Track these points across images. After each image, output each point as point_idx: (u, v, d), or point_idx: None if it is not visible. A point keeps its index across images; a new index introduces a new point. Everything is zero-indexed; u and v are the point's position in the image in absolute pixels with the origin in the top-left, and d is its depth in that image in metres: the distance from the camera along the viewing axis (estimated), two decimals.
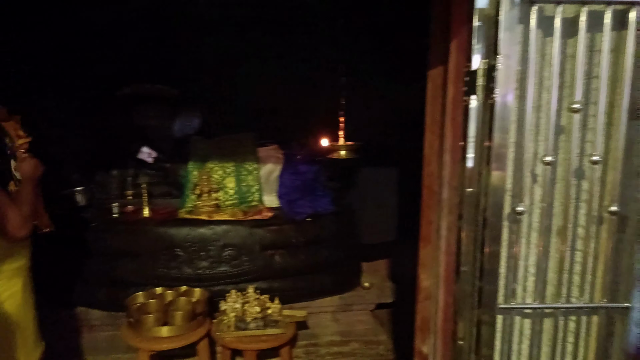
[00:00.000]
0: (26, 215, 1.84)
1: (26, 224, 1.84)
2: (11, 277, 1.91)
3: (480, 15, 1.28)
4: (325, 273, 3.16)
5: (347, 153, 2.91)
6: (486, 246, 1.32)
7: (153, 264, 2.84)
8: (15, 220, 1.79)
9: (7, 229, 1.79)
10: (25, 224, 1.83)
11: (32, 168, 1.96)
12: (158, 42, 3.49)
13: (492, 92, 1.22)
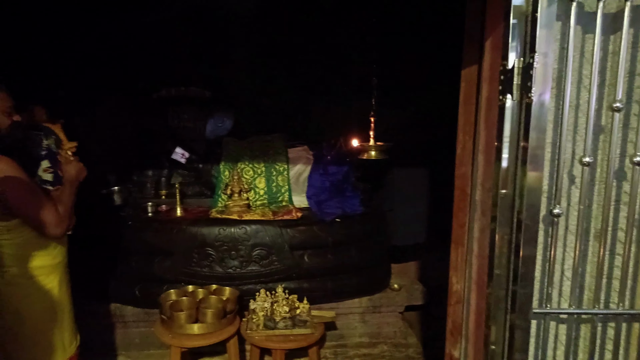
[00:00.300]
0: (62, 215, 1.90)
1: (62, 223, 1.90)
2: (48, 273, 1.98)
3: (516, 12, 1.25)
4: (354, 274, 3.15)
5: (377, 154, 2.89)
6: (521, 249, 1.28)
7: (185, 262, 2.90)
8: (52, 218, 1.85)
9: (44, 226, 1.85)
10: (60, 223, 1.89)
11: (76, 171, 2.02)
12: (192, 47, 3.56)
13: (528, 92, 1.19)
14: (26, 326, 1.92)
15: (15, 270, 1.90)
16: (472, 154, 1.83)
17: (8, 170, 1.78)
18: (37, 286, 1.95)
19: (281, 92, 3.72)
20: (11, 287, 1.90)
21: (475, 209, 1.75)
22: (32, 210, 1.82)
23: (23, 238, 1.88)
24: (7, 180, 1.77)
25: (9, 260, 1.88)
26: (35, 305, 1.93)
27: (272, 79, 3.69)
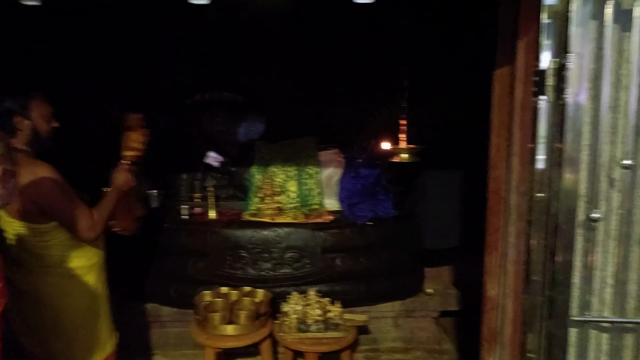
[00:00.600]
0: (98, 220, 1.96)
1: (94, 228, 1.95)
2: (85, 274, 2.06)
3: (550, 11, 1.22)
4: (387, 278, 3.13)
5: (409, 156, 2.87)
6: (558, 255, 1.25)
7: (219, 264, 2.95)
8: (84, 223, 1.92)
9: (76, 230, 1.93)
10: (93, 227, 1.94)
11: (124, 181, 2.10)
12: (225, 53, 3.63)
13: (563, 93, 1.16)
14: (65, 324, 2.00)
15: (53, 270, 1.99)
16: (506, 157, 1.79)
17: (44, 175, 1.87)
18: (74, 286, 2.03)
19: (312, 95, 3.73)
20: (49, 287, 1.99)
21: (510, 213, 1.71)
22: (66, 214, 1.90)
23: (59, 240, 1.96)
24: (43, 185, 1.85)
25: (47, 261, 1.97)
26: (73, 304, 2.01)
27: (304, 82, 3.71)
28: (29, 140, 1.95)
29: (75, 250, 2.00)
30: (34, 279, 1.97)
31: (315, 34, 3.65)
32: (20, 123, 1.92)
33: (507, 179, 1.75)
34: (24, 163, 1.89)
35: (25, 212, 1.88)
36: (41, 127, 1.97)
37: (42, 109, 1.97)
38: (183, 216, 3.23)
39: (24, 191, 1.83)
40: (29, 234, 1.92)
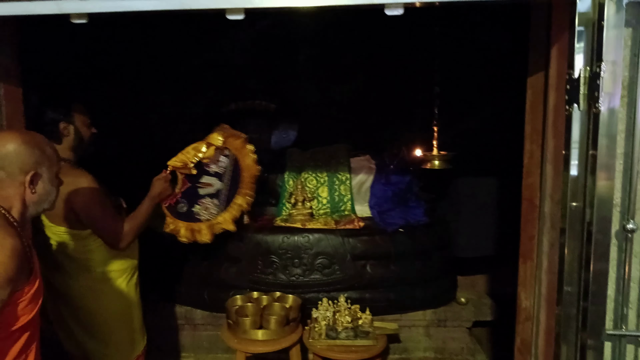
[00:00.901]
0: (128, 231, 2.03)
1: (124, 239, 2.02)
2: (117, 277, 2.15)
3: (583, 19, 1.20)
4: (418, 286, 3.09)
5: (441, 163, 2.84)
6: (592, 265, 1.22)
7: (251, 269, 3.00)
8: (114, 234, 2.00)
9: (106, 239, 2.02)
10: (123, 238, 2.02)
11: (159, 190, 2.18)
12: (258, 62, 3.71)
13: (596, 102, 1.14)
14: (99, 325, 2.10)
15: (89, 274, 2.08)
16: (540, 164, 1.76)
17: (84, 184, 1.97)
18: (108, 289, 2.12)
19: (344, 102, 3.76)
20: (84, 290, 2.08)
21: (545, 222, 1.68)
22: (98, 223, 1.99)
23: (96, 245, 2.06)
24: (82, 194, 1.96)
25: (82, 265, 2.07)
26: (106, 306, 2.11)
27: (335, 90, 3.74)
28: (73, 145, 2.07)
29: (110, 255, 2.10)
30: (70, 282, 2.07)
31: (346, 42, 3.68)
32: (66, 129, 2.04)
33: (542, 187, 1.72)
34: (67, 171, 2.00)
35: (65, 218, 1.99)
36: (84, 133, 2.09)
37: (83, 116, 2.09)
38: None
39: (65, 198, 1.94)
40: (67, 239, 2.03)
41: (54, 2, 1.29)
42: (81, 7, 1.29)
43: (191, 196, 2.46)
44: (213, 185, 2.51)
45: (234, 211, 2.58)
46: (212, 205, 2.51)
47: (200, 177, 2.47)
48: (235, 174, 2.56)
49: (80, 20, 1.32)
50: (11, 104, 1.77)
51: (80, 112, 2.08)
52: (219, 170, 2.52)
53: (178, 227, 2.46)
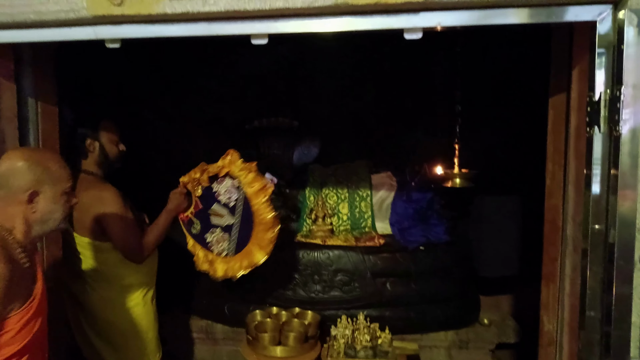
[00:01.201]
0: (145, 244, 2.11)
1: (142, 252, 2.11)
2: (134, 290, 2.22)
3: (603, 42, 1.21)
4: (439, 305, 3.05)
5: (462, 181, 2.82)
6: (614, 289, 1.20)
7: (271, 284, 3.02)
8: (133, 247, 2.08)
9: (124, 252, 2.09)
10: (141, 252, 2.10)
11: (176, 203, 2.26)
12: (282, 80, 3.78)
13: (616, 125, 1.14)
14: (115, 335, 2.17)
15: (107, 285, 2.16)
16: (562, 185, 1.74)
17: (110, 199, 2.06)
18: (125, 301, 2.19)
19: (365, 120, 3.79)
20: (102, 301, 2.16)
21: (567, 244, 1.66)
22: (118, 235, 2.07)
23: (117, 259, 2.13)
24: (105, 205, 2.05)
25: (102, 276, 2.15)
26: (123, 317, 2.17)
27: (357, 107, 3.78)
28: (98, 161, 2.16)
29: (129, 268, 2.17)
30: (90, 292, 2.16)
31: (368, 61, 3.73)
32: (91, 145, 2.14)
33: (564, 209, 1.70)
34: (93, 185, 2.10)
35: (89, 229, 2.07)
36: (110, 150, 2.18)
37: (110, 134, 2.18)
38: None
39: (90, 210, 2.03)
40: (90, 250, 2.11)
41: (91, 28, 1.37)
42: (115, 33, 1.37)
43: (204, 221, 2.39)
44: (224, 217, 2.37)
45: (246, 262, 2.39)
46: (222, 239, 2.40)
47: (212, 204, 2.37)
48: (246, 215, 2.34)
49: (113, 45, 1.39)
50: (47, 123, 1.87)
51: (108, 130, 2.17)
52: (229, 202, 2.35)
53: (196, 250, 2.45)
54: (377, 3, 1.24)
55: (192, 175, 2.36)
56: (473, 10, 1.29)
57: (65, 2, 1.29)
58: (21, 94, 1.71)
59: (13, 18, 1.33)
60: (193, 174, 2.36)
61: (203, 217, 2.40)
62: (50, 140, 1.87)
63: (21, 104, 1.72)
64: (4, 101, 1.64)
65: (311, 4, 1.25)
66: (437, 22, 1.32)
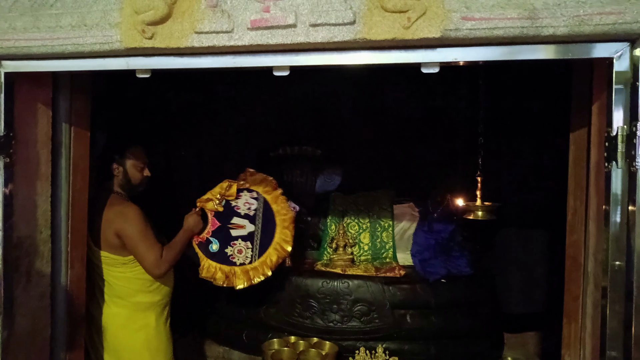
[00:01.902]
0: (165, 259, 2.18)
1: (161, 266, 2.17)
2: (145, 309, 2.25)
3: (620, 78, 1.21)
4: (461, 340, 2.98)
5: (484, 214, 2.79)
6: (634, 329, 1.16)
7: (289, 312, 3.01)
8: (152, 259, 2.14)
9: (145, 265, 2.15)
10: (160, 265, 2.16)
11: (192, 223, 2.33)
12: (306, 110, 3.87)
13: (633, 160, 1.13)
14: (124, 353, 2.20)
15: (119, 301, 2.21)
16: (584, 221, 1.71)
17: (132, 214, 2.15)
18: (135, 319, 2.22)
19: (388, 149, 3.81)
20: (112, 317, 2.21)
21: (588, 282, 1.62)
22: (139, 248, 2.13)
23: (133, 273, 2.20)
24: (127, 220, 2.13)
25: (116, 292, 2.20)
26: (132, 336, 2.21)
27: (380, 137, 3.81)
28: (121, 185, 2.26)
29: (144, 286, 2.22)
30: (103, 307, 2.21)
31: (390, 91, 3.78)
32: (116, 169, 2.25)
33: (585, 245, 1.67)
34: (117, 201, 2.20)
35: (108, 243, 2.15)
36: (132, 175, 2.28)
37: (136, 160, 2.28)
38: None
39: (111, 223, 2.11)
40: (107, 264, 2.18)
41: (124, 59, 1.46)
42: (146, 64, 1.45)
43: (223, 237, 2.48)
44: (245, 227, 2.52)
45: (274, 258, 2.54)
46: (245, 249, 2.51)
47: (230, 218, 2.50)
48: (267, 218, 2.55)
49: (144, 75, 1.47)
50: (79, 147, 1.96)
51: (134, 156, 2.27)
52: (249, 212, 2.53)
53: (214, 272, 2.45)
54: (394, 39, 1.28)
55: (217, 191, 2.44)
56: (489, 46, 1.31)
57: (101, 35, 1.39)
58: (56, 119, 1.80)
59: (53, 49, 1.43)
60: (218, 190, 2.45)
61: (221, 234, 2.49)
62: (80, 164, 1.96)
63: (56, 129, 1.81)
64: (40, 126, 1.74)
65: (331, 39, 1.31)
66: (454, 57, 1.35)
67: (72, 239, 1.97)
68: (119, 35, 1.38)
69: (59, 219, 1.92)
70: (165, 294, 2.32)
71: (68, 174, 1.95)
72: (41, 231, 1.85)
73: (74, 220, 1.97)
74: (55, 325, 1.90)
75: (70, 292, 1.97)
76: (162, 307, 2.31)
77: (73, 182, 1.96)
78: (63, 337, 1.93)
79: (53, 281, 1.89)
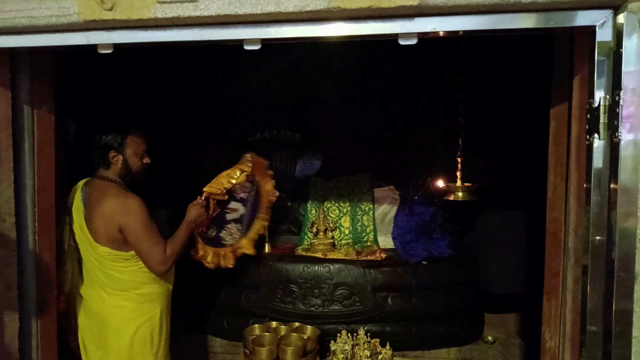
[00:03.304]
0: (168, 255, 2.09)
1: (165, 263, 2.08)
2: (152, 300, 2.17)
3: (602, 48, 1.18)
4: (442, 321, 2.99)
5: (465, 195, 2.77)
6: (614, 303, 1.15)
7: (270, 297, 2.97)
8: (156, 257, 2.05)
9: (149, 263, 2.06)
10: (164, 262, 2.07)
11: (195, 215, 2.24)
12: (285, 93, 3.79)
13: (615, 130, 1.10)
14: (125, 346, 2.11)
15: (124, 294, 2.12)
16: (564, 197, 1.70)
17: (132, 207, 2.03)
18: (140, 312, 2.14)
19: (369, 133, 3.77)
20: (116, 310, 2.11)
21: (569, 258, 1.60)
22: (142, 245, 2.04)
23: (137, 267, 2.10)
24: (130, 215, 2.02)
25: (120, 286, 2.11)
26: (134, 328, 2.12)
27: (360, 121, 3.76)
28: (120, 173, 2.14)
29: (149, 278, 2.14)
30: (105, 298, 2.12)
31: (370, 73, 3.72)
32: (115, 157, 2.12)
33: (566, 221, 1.65)
34: (117, 193, 2.08)
35: (111, 239, 2.04)
36: (132, 162, 2.16)
37: (136, 147, 2.16)
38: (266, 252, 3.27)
39: (114, 218, 2.00)
40: (109, 259, 2.08)
41: (83, 33, 1.37)
42: (107, 39, 1.36)
43: (219, 222, 2.52)
44: (238, 210, 2.57)
45: (253, 234, 2.65)
46: (235, 230, 2.57)
47: (228, 203, 2.52)
48: (256, 199, 2.63)
49: (106, 50, 1.39)
50: (43, 130, 1.86)
51: (133, 143, 2.15)
52: (244, 196, 2.58)
53: (207, 254, 2.47)
54: (370, 7, 1.22)
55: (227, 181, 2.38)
56: (468, 15, 1.26)
57: (57, 7, 1.29)
58: (16, 102, 1.70)
59: (5, 23, 1.33)
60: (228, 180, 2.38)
61: (219, 219, 2.49)
62: (46, 149, 1.86)
63: (16, 112, 1.71)
64: None
65: (303, 8, 1.24)
66: (432, 27, 1.29)
67: (40, 227, 1.88)
68: (76, 6, 1.29)
69: (23, 207, 1.83)
70: (171, 283, 2.25)
71: (32, 159, 1.85)
72: (4, 219, 1.76)
73: (40, 207, 1.88)
74: (23, 319, 1.82)
75: (39, 282, 1.89)
76: (167, 297, 2.24)
77: (38, 167, 1.86)
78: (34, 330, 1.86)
79: (20, 271, 1.80)
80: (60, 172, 2.00)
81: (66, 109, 2.11)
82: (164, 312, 2.22)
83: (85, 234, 2.07)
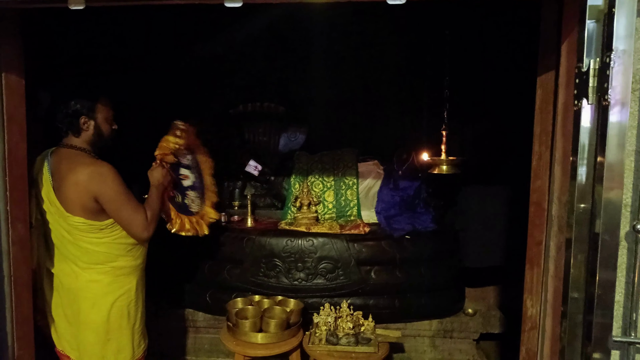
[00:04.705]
0: (150, 220, 2.04)
1: (149, 227, 2.04)
2: (128, 274, 2.12)
3: (593, 11, 1.15)
4: (424, 294, 3.02)
5: (449, 168, 2.77)
6: (598, 270, 1.15)
7: (254, 272, 2.95)
8: (140, 222, 2.00)
9: (132, 228, 2.00)
10: (148, 227, 2.03)
11: (159, 176, 2.18)
12: (267, 65, 3.70)
13: (605, 94, 1.08)
14: (100, 320, 2.05)
15: (99, 268, 2.05)
16: (549, 166, 1.70)
17: (107, 175, 1.96)
18: (116, 285, 2.09)
19: (353, 107, 3.73)
20: (92, 284, 2.05)
21: (552, 225, 1.61)
22: (124, 212, 1.98)
23: (112, 237, 2.04)
24: (106, 182, 1.95)
25: (95, 258, 2.04)
26: (110, 301, 2.07)
27: (345, 94, 3.72)
28: (91, 140, 2.07)
29: (124, 250, 2.08)
30: (77, 275, 2.04)
31: (356, 47, 3.66)
32: (86, 123, 2.04)
33: (550, 190, 1.66)
34: (88, 161, 2.00)
35: (84, 208, 1.97)
36: (104, 128, 2.09)
37: (106, 112, 2.09)
38: (222, 223, 3.26)
39: (88, 186, 1.93)
40: (83, 230, 2.00)
41: None
42: None
43: (179, 188, 2.50)
44: (189, 177, 2.58)
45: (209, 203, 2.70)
46: (194, 197, 2.59)
47: (179, 169, 2.50)
48: (197, 166, 2.67)
49: (77, 6, 1.30)
50: (13, 96, 1.76)
51: (104, 108, 2.08)
52: (187, 162, 2.59)
53: (183, 222, 2.42)
54: None
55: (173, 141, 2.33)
56: None
57: None
58: None
59: None
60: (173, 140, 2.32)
61: (178, 185, 2.48)
62: (16, 115, 1.77)
63: None
64: None
65: None
66: None
67: (12, 197, 1.80)
68: None
69: None
70: (144, 256, 2.20)
71: (2, 126, 1.76)
72: None
73: (12, 176, 1.79)
74: None
75: (14, 256, 1.82)
76: (142, 270, 2.19)
77: (8, 135, 1.77)
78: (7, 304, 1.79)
79: None
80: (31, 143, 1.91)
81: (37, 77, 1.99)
82: (139, 285, 2.17)
83: (55, 204, 1.99)
